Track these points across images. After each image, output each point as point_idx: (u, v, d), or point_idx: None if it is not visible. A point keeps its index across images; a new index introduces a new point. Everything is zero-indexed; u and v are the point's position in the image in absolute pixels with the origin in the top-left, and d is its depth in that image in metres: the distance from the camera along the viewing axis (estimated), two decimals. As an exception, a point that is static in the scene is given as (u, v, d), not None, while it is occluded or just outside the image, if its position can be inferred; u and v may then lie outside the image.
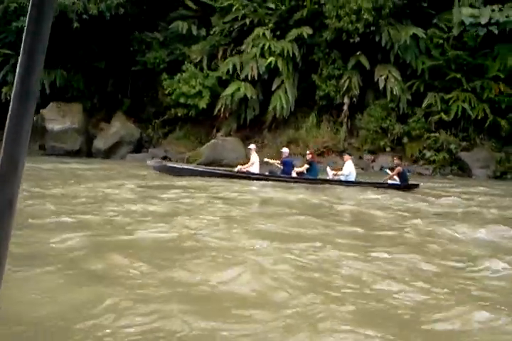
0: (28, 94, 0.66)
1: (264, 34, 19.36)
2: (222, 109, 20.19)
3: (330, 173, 12.51)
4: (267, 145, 20.26)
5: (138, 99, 24.12)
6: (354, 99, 19.47)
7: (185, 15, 22.70)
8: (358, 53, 18.95)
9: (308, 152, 13.06)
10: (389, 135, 19.06)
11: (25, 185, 8.97)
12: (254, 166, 12.73)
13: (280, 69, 19.01)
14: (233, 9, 20.32)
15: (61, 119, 19.69)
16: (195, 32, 21.81)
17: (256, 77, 19.03)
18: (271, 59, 18.77)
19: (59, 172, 12.94)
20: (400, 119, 19.21)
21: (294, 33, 19.41)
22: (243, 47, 19.98)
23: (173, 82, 21.13)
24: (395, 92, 18.63)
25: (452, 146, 18.14)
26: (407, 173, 12.78)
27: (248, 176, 12.15)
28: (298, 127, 20.27)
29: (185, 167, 12.81)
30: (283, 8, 19.81)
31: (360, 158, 19.26)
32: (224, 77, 20.28)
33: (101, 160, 18.46)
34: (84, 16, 18.49)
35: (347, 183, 11.85)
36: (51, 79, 21.92)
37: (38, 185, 8.74)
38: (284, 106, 18.98)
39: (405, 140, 19.05)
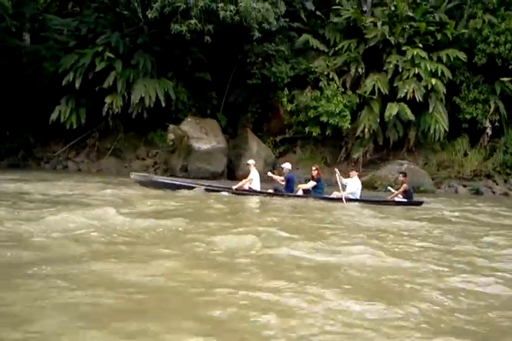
0: None
1: (418, 54, 18.83)
2: (366, 130, 19.23)
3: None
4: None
5: (231, 114, 22.03)
6: (497, 124, 19.72)
7: (300, 29, 21.38)
8: (506, 79, 19.21)
9: (314, 168, 12.47)
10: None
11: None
12: (254, 183, 12.20)
13: (438, 91, 18.62)
14: (376, 26, 19.52)
15: (206, 138, 17.19)
16: (321, 47, 20.62)
17: (419, 99, 18.39)
18: (435, 80, 18.30)
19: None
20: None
21: (444, 54, 19.17)
22: (390, 65, 19.21)
23: (305, 99, 19.72)
24: (540, 118, 19.23)
25: None
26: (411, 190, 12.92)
27: (250, 193, 11.77)
28: (437, 150, 19.96)
29: (176, 182, 12.06)
30: (431, 28, 19.48)
31: (506, 181, 19.49)
32: (367, 97, 19.37)
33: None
34: (265, 26, 16.34)
35: (355, 201, 11.83)
36: (163, 90, 19.20)
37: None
38: (446, 128, 18.60)
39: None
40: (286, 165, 12.54)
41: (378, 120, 19.24)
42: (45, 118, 19.58)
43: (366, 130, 19.20)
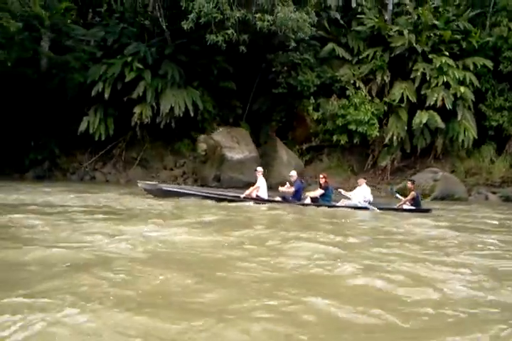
0: None
1: (446, 62, 18.95)
2: (394, 138, 19.28)
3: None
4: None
5: (254, 123, 21.97)
6: (522, 131, 19.88)
7: (323, 37, 21.42)
8: (531, 86, 19.43)
9: (321, 176, 12.14)
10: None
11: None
12: (261, 191, 11.96)
13: (466, 99, 18.74)
14: (402, 34, 19.64)
15: (238, 147, 17.13)
16: (346, 55, 20.70)
17: (449, 106, 18.49)
18: (463, 88, 18.44)
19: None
20: None
21: (470, 62, 19.32)
22: (417, 73, 19.30)
23: (331, 107, 19.75)
24: None
25: None
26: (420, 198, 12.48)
27: (259, 201, 11.32)
28: (463, 157, 20.03)
29: (185, 191, 11.81)
30: (456, 36, 19.64)
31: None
32: (395, 104, 19.45)
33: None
34: (300, 35, 16.37)
35: (363, 208, 11.35)
36: (191, 99, 19.14)
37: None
38: (475, 136, 18.71)
39: None
40: (293, 173, 12.31)
41: (406, 128, 19.32)
42: (70, 129, 19.46)
43: (394, 138, 19.26)
